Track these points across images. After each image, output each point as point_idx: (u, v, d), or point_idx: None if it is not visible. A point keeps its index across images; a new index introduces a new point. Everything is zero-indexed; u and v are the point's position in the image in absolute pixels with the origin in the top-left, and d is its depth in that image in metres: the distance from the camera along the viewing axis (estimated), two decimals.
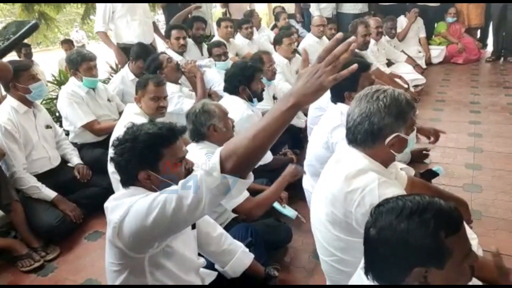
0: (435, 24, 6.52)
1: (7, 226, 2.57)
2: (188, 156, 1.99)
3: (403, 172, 1.74)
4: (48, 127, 2.76)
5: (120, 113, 3.11)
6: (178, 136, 1.42)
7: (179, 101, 3.03)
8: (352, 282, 1.13)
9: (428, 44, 6.37)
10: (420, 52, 6.18)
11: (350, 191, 1.32)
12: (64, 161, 2.90)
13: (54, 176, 2.71)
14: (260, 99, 2.76)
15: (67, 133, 3.09)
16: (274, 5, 8.70)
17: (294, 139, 3.31)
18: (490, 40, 6.71)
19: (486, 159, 3.09)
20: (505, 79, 5.28)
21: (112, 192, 2.57)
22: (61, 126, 3.17)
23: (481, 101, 4.49)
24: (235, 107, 2.58)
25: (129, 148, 1.34)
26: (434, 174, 2.45)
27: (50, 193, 2.55)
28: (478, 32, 6.81)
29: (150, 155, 1.34)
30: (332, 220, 1.40)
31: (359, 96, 1.43)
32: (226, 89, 2.77)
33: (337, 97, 2.22)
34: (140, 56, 3.43)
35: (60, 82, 3.72)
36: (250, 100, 2.67)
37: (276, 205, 2.32)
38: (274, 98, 3.65)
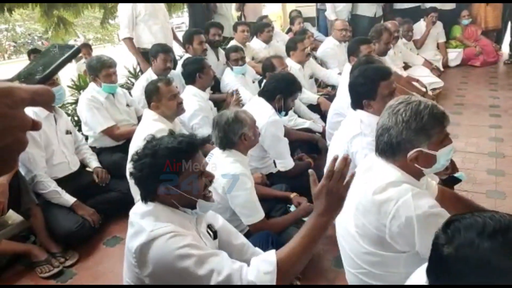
0: (450, 28, 6.42)
1: (27, 231, 2.59)
2: (213, 163, 2.01)
3: (433, 182, 1.70)
4: (68, 132, 2.79)
5: (139, 118, 3.13)
6: (198, 149, 1.42)
7: (200, 123, 3.04)
8: None
9: (445, 48, 6.28)
10: (437, 55, 6.10)
11: (383, 203, 1.29)
12: (83, 166, 2.93)
13: (73, 181, 2.73)
14: (286, 114, 2.79)
15: (86, 138, 3.12)
16: (289, 8, 8.69)
17: (312, 143, 3.29)
18: (505, 42, 6.62)
19: (509, 165, 3.02)
20: None
21: (131, 197, 2.60)
22: (79, 130, 3.21)
23: (501, 105, 4.41)
24: (262, 111, 2.58)
25: (148, 163, 1.33)
26: (457, 180, 2.38)
27: (69, 199, 2.57)
28: (495, 34, 6.70)
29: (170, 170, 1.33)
30: (363, 233, 1.38)
31: (386, 107, 1.41)
32: (262, 93, 2.77)
33: (357, 104, 2.19)
34: (159, 51, 3.45)
35: (79, 87, 3.76)
36: (279, 110, 2.68)
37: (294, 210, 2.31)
38: None
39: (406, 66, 5.24)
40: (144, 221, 1.29)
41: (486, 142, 3.47)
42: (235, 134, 2.06)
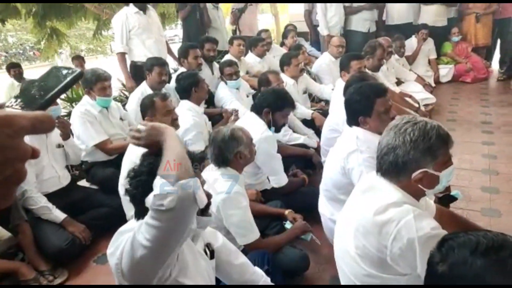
0: (441, 44, 6.52)
1: (15, 247, 2.51)
2: (207, 179, 1.97)
3: (431, 201, 1.69)
4: (59, 146, 2.74)
5: None
6: (195, 166, 1.39)
7: (193, 140, 3.01)
8: None
9: (436, 64, 6.37)
10: (428, 71, 6.19)
11: (384, 224, 1.27)
12: (73, 180, 2.87)
13: (64, 196, 2.67)
14: (277, 130, 2.74)
15: None
16: (282, 21, 8.76)
17: (306, 159, 3.27)
18: (495, 59, 6.78)
19: (503, 182, 3.03)
20: None
21: (122, 212, 2.55)
22: None
23: (493, 121, 4.45)
24: (255, 127, 2.56)
25: (144, 181, 1.29)
26: (453, 198, 2.39)
27: (59, 215, 2.50)
28: (485, 51, 6.81)
29: None
30: (363, 254, 1.35)
31: (390, 126, 1.40)
32: (253, 107, 2.76)
33: (352, 121, 2.19)
34: (154, 64, 3.44)
35: (71, 99, 3.72)
36: (268, 125, 2.65)
37: (290, 227, 2.28)
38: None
39: (399, 82, 5.29)
40: (123, 238, 1.25)
41: (479, 159, 3.48)
42: (230, 152, 2.03)
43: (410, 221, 1.25)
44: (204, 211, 1.38)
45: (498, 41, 6.65)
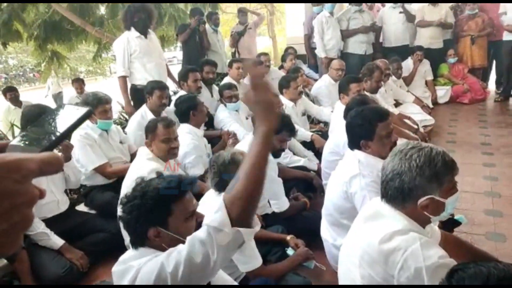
0: (438, 66, 6.59)
1: (10, 275, 2.45)
2: (206, 205, 1.95)
3: (436, 227, 1.67)
4: None
5: (132, 155, 3.08)
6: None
7: (192, 163, 3.01)
8: None
9: (433, 85, 6.43)
10: (426, 92, 6.24)
11: (391, 253, 1.25)
12: (72, 205, 2.83)
13: (62, 221, 2.62)
14: (274, 155, 2.68)
15: None
16: (279, 44, 8.86)
17: (307, 182, 3.25)
18: (492, 80, 6.87)
19: (506, 205, 3.01)
20: None
21: (121, 238, 2.50)
22: None
23: (493, 142, 4.46)
24: None
25: (138, 205, 1.30)
26: (457, 222, 2.36)
27: (58, 241, 2.45)
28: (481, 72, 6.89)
29: (160, 211, 1.31)
30: (369, 284, 1.32)
31: (395, 151, 1.39)
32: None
33: (354, 145, 2.18)
34: (154, 88, 3.45)
35: None
36: None
37: (292, 253, 2.24)
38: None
39: (397, 104, 5.32)
40: (131, 263, 1.22)
41: (481, 181, 3.47)
42: (231, 177, 2.01)
43: (417, 250, 1.23)
44: None
45: (494, 63, 6.73)
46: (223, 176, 2.02)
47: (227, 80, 4.63)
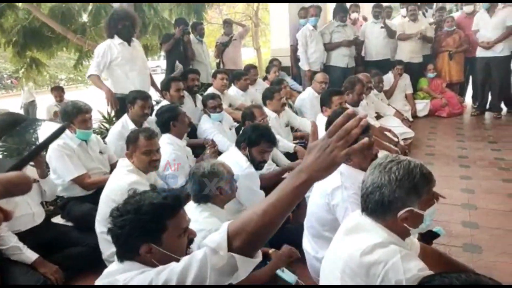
0: (417, 80, 6.75)
1: None
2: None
3: (415, 240, 1.69)
4: (34, 181, 2.64)
5: (112, 166, 3.02)
6: (183, 205, 1.35)
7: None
8: None
9: (413, 99, 6.58)
10: (406, 105, 6.37)
11: (371, 266, 1.26)
12: (48, 217, 2.75)
13: (37, 234, 2.54)
14: (256, 167, 2.68)
15: None
16: (264, 56, 8.91)
17: None
18: (468, 95, 7.08)
19: (482, 217, 3.07)
20: (489, 134, 5.44)
21: (99, 252, 2.45)
22: None
23: (469, 155, 4.57)
24: (237, 162, 2.54)
25: (131, 220, 1.26)
26: (435, 234, 2.39)
27: (31, 255, 2.36)
28: (458, 87, 7.09)
29: (154, 227, 1.26)
30: None
31: (374, 164, 1.40)
32: (236, 141, 2.74)
33: None
34: (137, 98, 3.41)
35: None
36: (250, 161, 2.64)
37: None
38: None
39: (378, 116, 5.40)
40: (117, 277, 1.18)
41: (458, 193, 3.54)
42: (210, 188, 2.00)
43: (397, 263, 1.24)
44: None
45: (470, 78, 6.94)
46: (202, 188, 2.00)
47: (211, 90, 4.63)
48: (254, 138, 2.64)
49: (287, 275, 2.19)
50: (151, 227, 1.26)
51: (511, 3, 5.84)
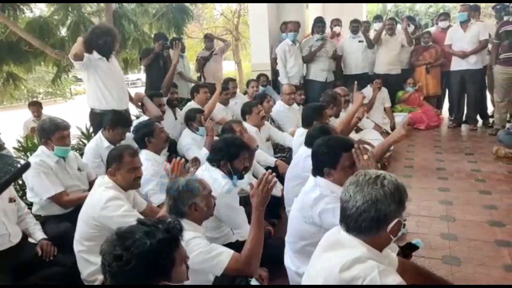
0: (396, 92, 6.91)
1: None
2: None
3: (393, 254, 1.71)
4: (11, 200, 2.56)
5: (91, 183, 2.96)
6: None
7: (155, 189, 2.97)
8: None
9: (392, 112, 6.71)
10: (385, 118, 6.50)
11: (350, 281, 1.28)
12: (24, 236, 2.66)
13: (13, 255, 2.45)
14: (241, 177, 2.69)
15: (30, 204, 2.89)
16: (245, 69, 8.95)
17: (271, 208, 3.24)
18: (445, 108, 7.28)
19: (460, 228, 3.13)
20: (465, 145, 5.58)
21: (77, 272, 2.39)
22: (23, 196, 2.98)
23: (447, 167, 4.67)
24: (215, 180, 2.52)
25: (134, 267, 1.16)
26: (414, 247, 2.43)
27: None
28: (436, 100, 7.27)
29: (163, 265, 1.23)
30: None
31: (357, 182, 1.40)
32: (209, 160, 2.72)
33: (317, 172, 2.22)
34: (117, 124, 3.36)
35: (26, 149, 3.55)
36: (229, 175, 2.62)
37: (256, 283, 2.21)
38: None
39: (358, 129, 5.48)
40: None
41: (437, 205, 3.60)
42: (184, 204, 1.98)
43: (375, 278, 1.27)
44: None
45: (447, 92, 7.14)
46: (176, 204, 1.99)
47: (193, 105, 4.60)
48: (233, 151, 2.64)
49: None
50: (160, 265, 1.22)
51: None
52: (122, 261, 1.16)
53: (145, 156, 3.08)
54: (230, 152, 2.62)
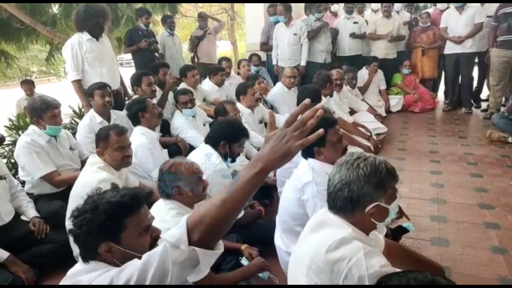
0: (392, 75, 6.88)
1: None
2: (155, 213, 1.90)
3: (380, 236, 1.73)
4: (2, 178, 2.56)
5: (83, 162, 2.96)
6: (143, 203, 1.34)
7: (149, 168, 2.98)
8: None
9: (387, 94, 6.70)
10: (380, 101, 6.48)
11: (336, 262, 1.29)
12: (17, 214, 2.68)
13: (6, 233, 2.48)
14: (233, 160, 2.72)
15: (23, 183, 2.89)
16: (240, 49, 8.83)
17: (263, 189, 3.26)
18: (441, 91, 7.27)
19: (450, 211, 3.17)
20: (459, 129, 5.59)
21: (69, 249, 2.40)
22: (15, 175, 2.97)
23: (440, 151, 4.69)
24: (209, 159, 2.53)
25: (88, 219, 1.25)
26: (405, 230, 2.46)
27: (2, 254, 2.31)
28: (431, 83, 7.25)
29: (112, 226, 1.25)
30: None
31: (340, 162, 1.44)
32: (207, 139, 2.73)
33: (307, 153, 2.22)
34: (94, 88, 3.37)
35: (18, 127, 3.52)
36: (225, 157, 2.63)
37: (246, 263, 2.24)
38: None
39: (352, 112, 5.48)
40: (80, 278, 1.18)
41: (428, 188, 3.64)
42: (167, 186, 2.00)
43: (360, 259, 1.27)
44: None
45: (443, 74, 7.11)
46: (161, 184, 2.02)
47: (183, 86, 4.57)
48: (236, 135, 2.67)
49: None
50: (109, 225, 1.25)
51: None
52: (76, 215, 1.28)
53: (141, 131, 3.11)
54: (234, 135, 2.65)
